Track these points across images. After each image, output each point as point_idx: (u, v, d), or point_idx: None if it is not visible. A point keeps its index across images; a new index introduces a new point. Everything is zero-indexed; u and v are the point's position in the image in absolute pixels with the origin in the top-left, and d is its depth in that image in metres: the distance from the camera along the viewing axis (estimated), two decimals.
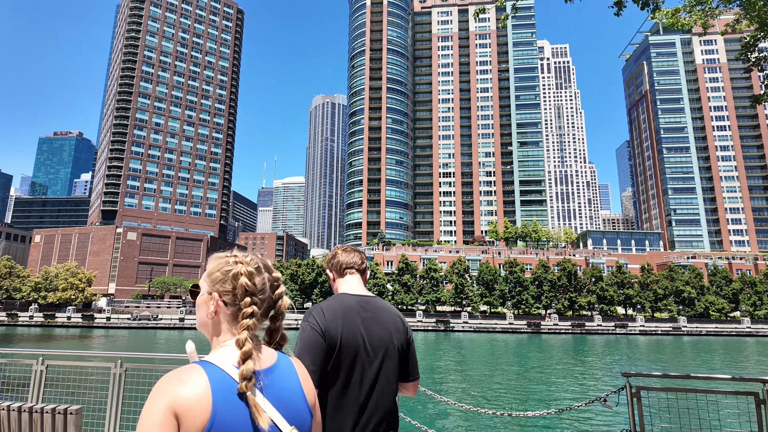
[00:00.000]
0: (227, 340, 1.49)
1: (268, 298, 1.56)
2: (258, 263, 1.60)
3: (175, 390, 1.27)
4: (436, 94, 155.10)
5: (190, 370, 1.34)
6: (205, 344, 1.30)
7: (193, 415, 1.24)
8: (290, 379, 1.51)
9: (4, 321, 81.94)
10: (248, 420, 1.31)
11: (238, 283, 1.50)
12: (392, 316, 2.57)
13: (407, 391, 2.66)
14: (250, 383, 1.33)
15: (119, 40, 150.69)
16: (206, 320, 1.54)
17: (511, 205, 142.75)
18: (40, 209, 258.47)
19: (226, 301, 1.51)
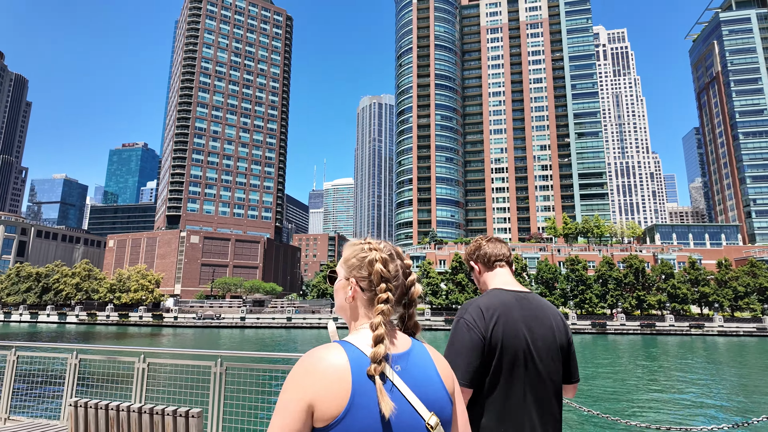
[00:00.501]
0: (363, 324, 1.53)
1: (402, 284, 1.58)
2: (391, 250, 1.63)
3: (316, 368, 1.31)
4: (486, 87, 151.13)
5: (332, 349, 1.38)
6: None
7: (332, 395, 1.27)
8: (426, 365, 1.50)
9: (85, 320, 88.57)
10: (376, 405, 1.32)
11: (374, 269, 1.53)
12: (553, 313, 2.42)
13: (567, 393, 2.49)
14: (379, 366, 1.34)
15: (178, 53, 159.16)
16: (344, 304, 1.60)
17: (569, 200, 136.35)
18: (112, 216, 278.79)
19: (362, 287, 1.55)
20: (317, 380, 1.28)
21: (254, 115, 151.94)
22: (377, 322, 1.44)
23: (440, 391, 1.47)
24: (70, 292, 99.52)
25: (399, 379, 1.37)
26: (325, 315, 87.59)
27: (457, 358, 2.15)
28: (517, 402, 2.16)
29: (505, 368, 2.17)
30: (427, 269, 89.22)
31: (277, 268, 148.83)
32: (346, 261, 1.62)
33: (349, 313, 1.58)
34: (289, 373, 1.34)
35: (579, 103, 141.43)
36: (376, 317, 1.45)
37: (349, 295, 1.56)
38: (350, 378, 1.30)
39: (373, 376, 1.32)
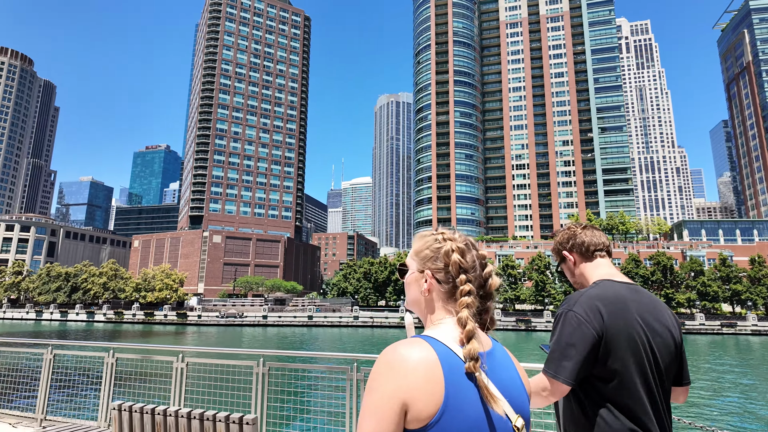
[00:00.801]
0: (443, 318, 1.45)
1: (479, 276, 1.49)
2: (466, 240, 1.56)
3: (405, 365, 1.23)
4: (506, 83, 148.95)
5: (419, 345, 1.29)
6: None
7: (427, 394, 1.20)
8: (508, 365, 1.45)
9: (112, 319, 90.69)
10: (479, 404, 1.25)
11: (451, 260, 1.46)
12: (665, 307, 2.17)
13: (678, 396, 2.22)
14: (477, 363, 1.27)
15: (199, 56, 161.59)
16: (419, 297, 1.52)
17: (593, 196, 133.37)
18: (136, 217, 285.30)
19: (439, 279, 1.48)
20: (409, 378, 1.21)
21: (273, 115, 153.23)
22: (465, 316, 1.36)
23: (523, 393, 1.42)
24: (97, 292, 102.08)
25: (489, 381, 1.31)
26: (345, 313, 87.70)
27: (565, 353, 1.97)
28: (638, 408, 1.95)
29: (622, 365, 1.97)
30: None
31: (298, 267, 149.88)
32: (418, 253, 1.56)
33: (425, 307, 1.51)
34: (374, 371, 1.26)
35: (602, 97, 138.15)
36: (463, 311, 1.38)
37: (425, 288, 1.49)
38: (442, 375, 1.23)
39: (472, 375, 1.27)
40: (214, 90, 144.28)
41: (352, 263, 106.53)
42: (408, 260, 1.62)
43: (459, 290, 1.43)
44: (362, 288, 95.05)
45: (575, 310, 2.03)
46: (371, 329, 77.13)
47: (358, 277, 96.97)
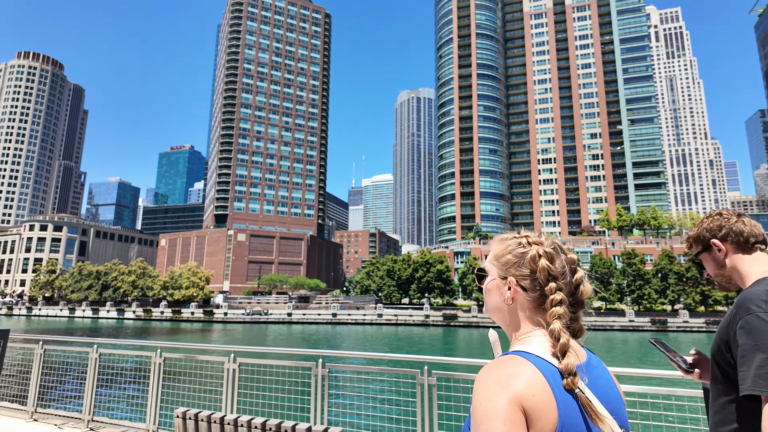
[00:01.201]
0: (530, 329, 1.35)
1: (569, 283, 1.37)
2: (554, 244, 1.44)
3: (516, 385, 1.14)
4: (531, 75, 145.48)
5: (520, 363, 1.20)
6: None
7: (544, 414, 1.12)
8: (607, 377, 1.35)
9: (141, 316, 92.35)
10: (581, 421, 1.16)
11: (538, 266, 1.35)
12: None
13: None
14: (576, 379, 1.18)
15: (221, 56, 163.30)
16: (501, 305, 1.42)
17: (623, 190, 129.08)
18: (162, 216, 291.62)
19: (524, 287, 1.37)
20: (525, 398, 1.12)
21: (295, 114, 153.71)
22: (557, 328, 1.26)
23: (623, 406, 1.32)
24: (127, 290, 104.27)
25: (590, 393, 1.22)
26: (369, 311, 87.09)
27: None
28: None
29: None
30: (473, 265, 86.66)
31: (320, 264, 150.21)
32: (498, 257, 1.45)
33: (509, 317, 1.41)
34: (482, 395, 1.15)
35: (631, 87, 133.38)
36: (555, 322, 1.28)
37: (508, 297, 1.38)
38: (552, 394, 1.14)
39: (572, 391, 1.17)
40: (236, 89, 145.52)
41: (375, 261, 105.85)
42: (487, 264, 1.52)
43: (549, 300, 1.32)
44: (385, 286, 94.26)
45: (762, 315, 1.66)
46: (395, 327, 76.28)
47: (381, 274, 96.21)
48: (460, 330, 71.62)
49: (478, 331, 68.81)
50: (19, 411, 7.64)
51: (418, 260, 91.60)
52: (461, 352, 48.12)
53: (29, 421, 7.33)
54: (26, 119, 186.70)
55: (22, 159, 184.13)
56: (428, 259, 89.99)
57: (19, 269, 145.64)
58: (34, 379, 7.66)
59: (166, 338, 60.49)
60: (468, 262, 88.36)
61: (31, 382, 7.65)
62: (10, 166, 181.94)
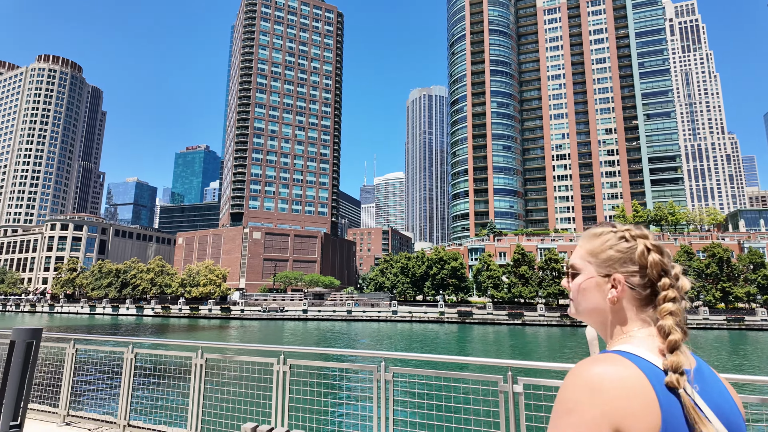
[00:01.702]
0: (636, 329, 1.26)
1: (672, 278, 1.27)
2: (653, 236, 1.35)
3: (609, 391, 1.04)
4: (545, 71, 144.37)
5: (620, 362, 1.11)
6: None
7: (642, 419, 1.02)
8: (721, 387, 1.22)
9: (160, 313, 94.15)
10: (685, 426, 1.05)
11: (649, 261, 1.27)
12: None
13: None
14: (682, 378, 1.09)
15: (236, 56, 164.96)
16: (602, 306, 1.31)
17: (639, 186, 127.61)
18: (179, 215, 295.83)
19: (632, 284, 1.28)
20: (618, 402, 1.03)
21: (309, 112, 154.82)
22: (669, 325, 1.17)
23: (741, 420, 1.18)
24: (145, 287, 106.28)
25: (702, 402, 1.11)
26: (384, 308, 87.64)
27: None
28: None
29: None
30: (488, 262, 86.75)
31: (334, 262, 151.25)
32: (596, 254, 1.35)
33: (611, 317, 1.30)
34: (567, 395, 1.08)
35: (647, 82, 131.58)
36: (666, 319, 1.19)
37: (614, 296, 1.28)
38: (656, 398, 1.05)
39: (677, 391, 1.08)
40: (251, 89, 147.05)
41: (389, 258, 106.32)
42: (578, 262, 1.40)
43: (662, 296, 1.24)
44: (399, 283, 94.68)
45: None
46: (410, 324, 76.69)
47: (395, 271, 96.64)
48: (475, 327, 71.81)
49: (494, 329, 68.93)
50: (51, 414, 7.21)
51: (432, 257, 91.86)
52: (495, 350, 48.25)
53: (61, 426, 6.92)
54: (47, 121, 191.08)
55: (43, 160, 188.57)
56: (442, 256, 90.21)
57: (42, 267, 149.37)
58: (65, 380, 7.15)
59: (189, 335, 61.45)
60: (483, 258, 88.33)
61: (63, 384, 7.14)
62: (31, 167, 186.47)
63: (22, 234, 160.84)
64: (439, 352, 44.00)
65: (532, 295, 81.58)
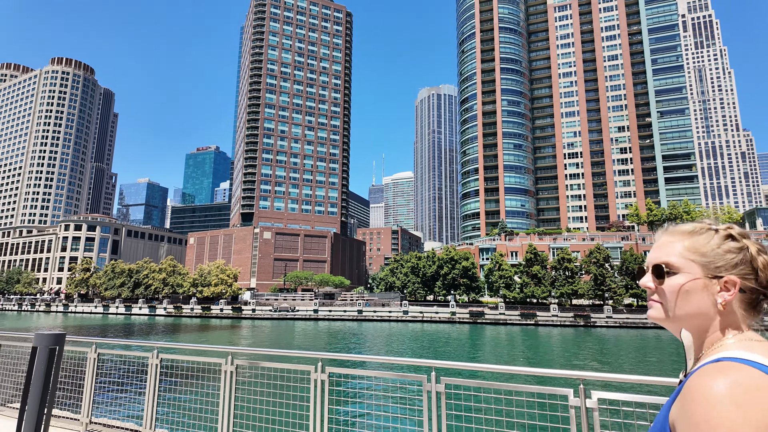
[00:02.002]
0: (737, 334, 1.18)
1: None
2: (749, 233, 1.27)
3: (759, 401, 0.95)
4: (556, 68, 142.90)
5: (755, 374, 1.02)
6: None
7: None
8: None
9: (172, 312, 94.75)
10: None
11: (760, 263, 1.19)
12: None
13: None
14: None
15: (246, 57, 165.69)
16: (708, 310, 1.21)
17: (652, 184, 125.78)
18: (190, 215, 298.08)
19: (744, 287, 1.19)
20: None
21: (318, 113, 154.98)
22: None
23: None
24: (158, 287, 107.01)
25: None
26: (394, 308, 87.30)
27: None
28: None
29: None
30: (499, 261, 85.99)
31: (344, 261, 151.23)
32: (704, 252, 1.24)
33: (719, 322, 1.21)
34: (709, 414, 0.97)
35: (661, 78, 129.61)
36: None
37: (725, 299, 1.19)
38: None
39: None
40: (261, 90, 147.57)
41: (399, 258, 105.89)
42: (677, 260, 1.28)
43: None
44: (410, 282, 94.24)
45: None
46: (421, 324, 76.28)
47: (406, 271, 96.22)
48: (487, 327, 71.18)
49: (506, 329, 68.25)
50: (72, 421, 6.97)
51: (442, 257, 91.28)
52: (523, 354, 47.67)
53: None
54: (60, 122, 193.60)
55: (57, 161, 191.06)
56: (453, 255, 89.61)
57: (56, 267, 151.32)
58: (87, 386, 6.80)
59: (201, 336, 61.54)
60: (494, 258, 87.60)
61: (85, 390, 6.79)
62: (45, 168, 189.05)
63: (36, 234, 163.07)
64: (453, 353, 43.58)
65: (545, 295, 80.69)
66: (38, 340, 3.97)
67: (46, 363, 3.89)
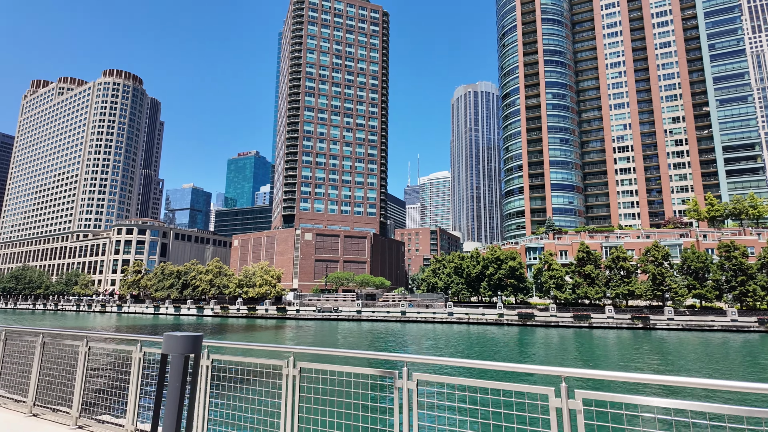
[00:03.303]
0: None
1: None
2: None
3: None
4: (603, 59, 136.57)
5: None
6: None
7: None
8: None
9: (219, 313, 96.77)
10: None
11: None
12: None
13: None
14: None
15: (285, 62, 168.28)
16: None
17: (712, 178, 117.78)
18: (233, 218, 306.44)
19: None
20: None
21: (356, 114, 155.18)
22: None
23: None
24: (205, 288, 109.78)
25: None
26: (439, 309, 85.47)
27: None
28: None
29: None
30: (549, 261, 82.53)
31: (383, 262, 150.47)
32: None
33: None
34: None
35: (720, 64, 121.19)
36: None
37: None
38: None
39: None
40: (300, 93, 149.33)
41: (441, 258, 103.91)
42: None
43: None
44: (453, 283, 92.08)
45: None
46: (467, 326, 74.10)
47: (449, 272, 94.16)
48: (538, 330, 68.17)
49: (558, 332, 65.10)
50: (118, 427, 6.60)
51: (487, 257, 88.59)
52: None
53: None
54: (112, 131, 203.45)
55: (110, 168, 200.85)
56: (499, 255, 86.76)
57: (110, 270, 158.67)
58: (132, 389, 6.21)
59: (247, 336, 61.85)
60: (544, 257, 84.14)
61: (130, 394, 6.17)
62: (99, 176, 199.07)
63: (92, 239, 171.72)
64: (502, 355, 41.48)
65: (599, 296, 76.67)
66: (169, 345, 3.09)
67: (181, 375, 3.08)
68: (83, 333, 7.27)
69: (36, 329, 7.96)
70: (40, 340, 7.78)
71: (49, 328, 8.06)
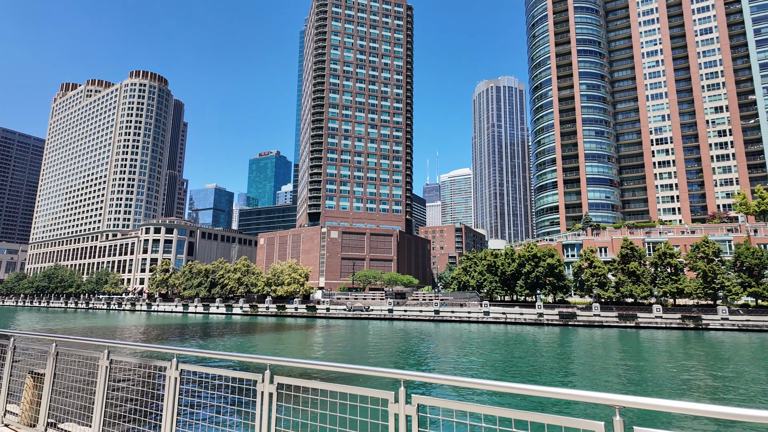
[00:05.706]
0: None
1: None
2: None
3: None
4: (639, 47, 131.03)
5: None
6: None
7: None
8: None
9: (248, 311, 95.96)
10: None
11: None
12: None
13: None
14: None
15: (308, 59, 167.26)
16: None
17: (760, 170, 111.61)
18: (256, 217, 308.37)
19: None
20: None
21: (380, 110, 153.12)
22: None
23: None
24: (233, 286, 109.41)
25: None
26: (473, 308, 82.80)
27: None
28: None
29: None
30: (590, 258, 78.90)
31: (410, 260, 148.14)
32: None
33: None
34: None
35: (766, 50, 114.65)
36: None
37: None
38: None
39: None
40: (324, 90, 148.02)
41: (472, 256, 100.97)
42: None
43: None
44: (486, 282, 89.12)
45: None
46: (504, 326, 71.23)
47: (481, 269, 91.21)
48: (580, 330, 64.87)
49: (601, 332, 61.74)
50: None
51: (523, 254, 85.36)
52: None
53: None
54: (139, 132, 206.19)
55: (137, 168, 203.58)
56: (536, 252, 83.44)
57: (138, 269, 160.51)
58: (168, 408, 5.36)
59: (273, 336, 60.38)
60: (585, 254, 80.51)
61: (165, 411, 5.32)
62: (127, 176, 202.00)
63: (121, 238, 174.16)
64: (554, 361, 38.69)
65: (645, 294, 72.84)
66: None
67: None
68: (104, 342, 6.24)
69: (49, 336, 7.01)
70: (52, 349, 6.81)
71: (63, 335, 6.90)
